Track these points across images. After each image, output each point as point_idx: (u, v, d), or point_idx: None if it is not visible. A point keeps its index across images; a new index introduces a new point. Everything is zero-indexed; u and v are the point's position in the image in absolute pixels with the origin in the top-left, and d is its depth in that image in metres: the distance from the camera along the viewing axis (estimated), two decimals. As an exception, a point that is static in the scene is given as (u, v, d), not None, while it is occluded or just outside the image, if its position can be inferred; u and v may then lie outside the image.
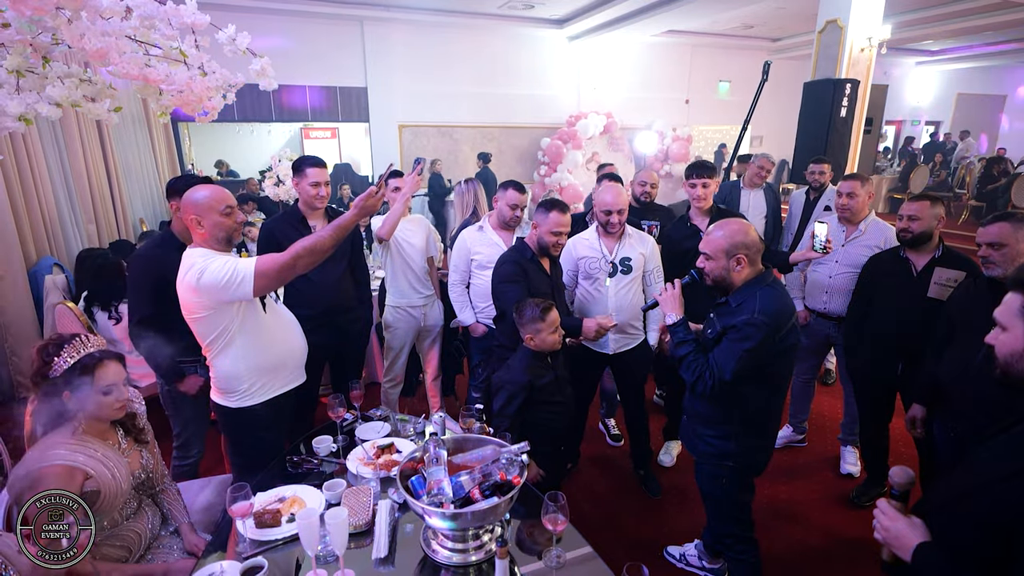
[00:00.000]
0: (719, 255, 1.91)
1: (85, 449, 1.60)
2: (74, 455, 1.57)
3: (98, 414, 1.65)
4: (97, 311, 3.30)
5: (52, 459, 1.53)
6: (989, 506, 1.05)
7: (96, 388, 1.61)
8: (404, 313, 3.22)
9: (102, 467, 1.61)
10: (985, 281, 2.13)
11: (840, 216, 3.03)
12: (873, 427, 2.90)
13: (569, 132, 9.78)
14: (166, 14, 1.91)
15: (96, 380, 1.61)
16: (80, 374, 1.59)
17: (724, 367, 1.86)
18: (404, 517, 1.78)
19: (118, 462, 1.69)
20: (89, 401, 1.61)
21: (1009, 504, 1.01)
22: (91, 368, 1.61)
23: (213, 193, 1.95)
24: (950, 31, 9.31)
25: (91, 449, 1.62)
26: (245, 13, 7.73)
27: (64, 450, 1.56)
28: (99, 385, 1.61)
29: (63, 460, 1.54)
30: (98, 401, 1.62)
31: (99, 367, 1.62)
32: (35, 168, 4.21)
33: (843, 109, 5.63)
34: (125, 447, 1.78)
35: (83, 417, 1.64)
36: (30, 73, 1.87)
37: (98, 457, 1.62)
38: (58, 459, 1.54)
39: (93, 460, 1.60)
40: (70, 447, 1.58)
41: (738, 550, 2.14)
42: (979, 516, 1.06)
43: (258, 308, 2.04)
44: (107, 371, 1.64)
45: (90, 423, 1.66)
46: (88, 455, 1.60)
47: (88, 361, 1.61)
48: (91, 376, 1.60)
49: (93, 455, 1.61)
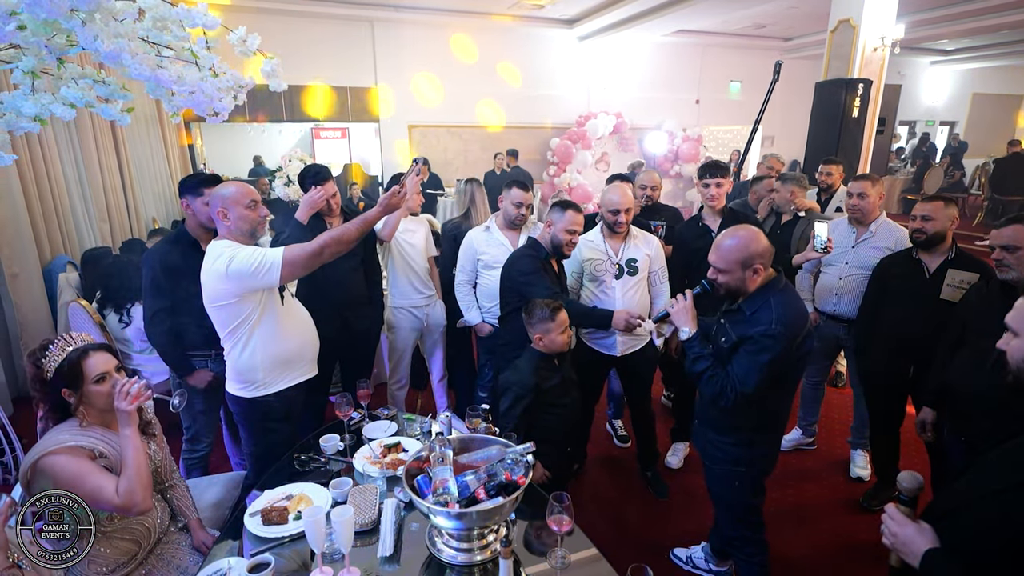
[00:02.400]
0: (734, 267, 1.85)
1: (89, 435, 1.65)
2: (77, 438, 1.61)
3: (98, 404, 1.69)
4: (109, 312, 3.34)
5: (55, 443, 1.57)
6: (999, 514, 1.03)
7: (88, 379, 1.65)
8: (406, 313, 3.22)
9: (110, 447, 1.65)
10: (999, 284, 2.10)
11: (850, 217, 3.00)
12: (883, 430, 2.87)
13: (579, 132, 9.76)
14: (178, 16, 1.94)
15: (86, 371, 1.65)
16: (69, 369, 1.64)
17: (746, 381, 1.81)
18: (410, 516, 1.79)
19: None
20: (85, 393, 1.66)
21: (1019, 512, 1.00)
22: (78, 362, 1.65)
23: (239, 188, 2.08)
24: (965, 30, 9.19)
25: (96, 433, 1.66)
26: (255, 14, 7.80)
27: (66, 435, 1.61)
28: (90, 376, 1.66)
29: (68, 443, 1.58)
30: (93, 391, 1.66)
31: (84, 359, 1.66)
32: (50, 168, 4.27)
33: (855, 109, 5.59)
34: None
35: (85, 410, 1.68)
36: (45, 74, 1.90)
37: (103, 440, 1.66)
38: (62, 443, 1.58)
39: (99, 442, 1.64)
40: (73, 433, 1.63)
41: (748, 552, 2.13)
42: (989, 524, 1.05)
43: (276, 300, 2.12)
44: (95, 361, 1.68)
45: (92, 415, 1.70)
46: (94, 437, 1.64)
47: (74, 356, 1.65)
48: (80, 369, 1.64)
49: (98, 437, 1.65)
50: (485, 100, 9.73)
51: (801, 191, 3.43)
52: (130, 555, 1.72)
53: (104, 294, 3.39)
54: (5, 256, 3.85)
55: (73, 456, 1.56)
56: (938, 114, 14.40)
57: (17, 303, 3.94)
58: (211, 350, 2.44)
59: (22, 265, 3.93)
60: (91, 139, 4.83)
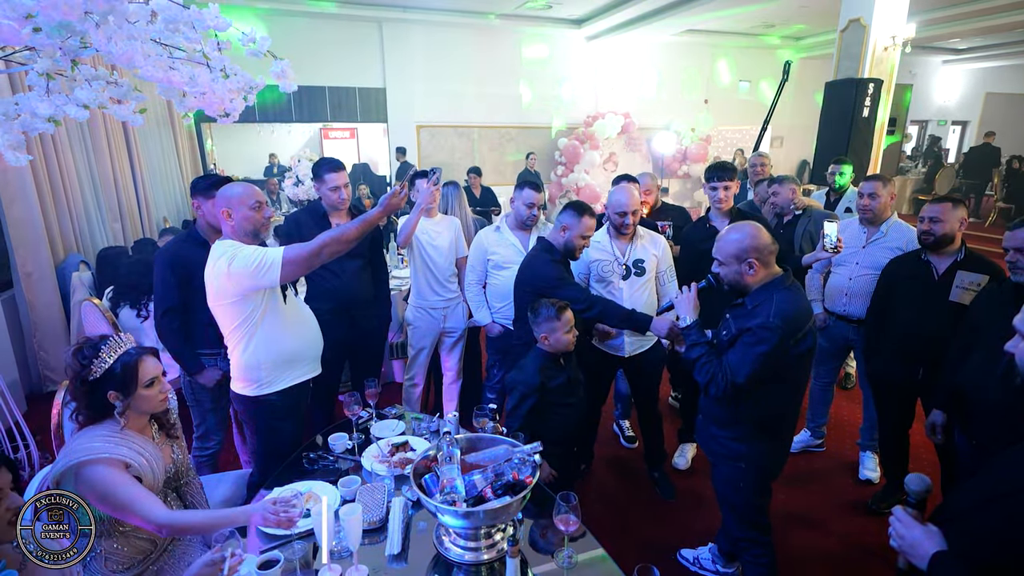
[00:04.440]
0: (729, 260, 1.90)
1: (127, 443, 1.65)
2: (117, 448, 1.62)
3: (144, 408, 1.70)
4: (123, 308, 3.38)
5: (93, 452, 1.58)
6: (1007, 518, 1.03)
7: (140, 383, 1.66)
8: (424, 313, 3.23)
9: (143, 460, 1.66)
10: (1011, 286, 2.08)
11: (861, 217, 2.99)
12: (893, 433, 2.85)
13: (587, 132, 9.75)
14: (189, 18, 1.96)
15: (140, 376, 1.66)
16: (123, 372, 1.64)
17: (737, 371, 1.84)
18: (417, 515, 1.80)
19: (155, 455, 1.73)
20: (136, 397, 1.67)
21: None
22: (132, 366, 1.65)
23: (244, 189, 2.10)
24: (977, 29, 9.09)
25: (132, 443, 1.67)
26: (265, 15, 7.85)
27: (105, 443, 1.61)
28: (143, 380, 1.67)
29: (105, 453, 1.59)
30: (143, 396, 1.68)
31: (140, 363, 1.67)
32: (64, 168, 4.32)
33: (865, 109, 5.55)
34: (158, 441, 1.83)
35: (128, 414, 1.69)
36: (59, 76, 1.93)
37: (137, 450, 1.67)
38: (101, 452, 1.58)
39: (134, 452, 1.65)
40: (111, 440, 1.63)
41: (754, 553, 2.12)
42: (996, 527, 1.04)
43: (279, 299, 2.14)
44: (147, 366, 1.69)
45: (133, 418, 1.71)
46: (129, 447, 1.65)
47: (128, 359, 1.66)
48: (135, 373, 1.65)
49: (133, 447, 1.66)
50: (493, 100, 9.74)
51: (800, 190, 3.54)
52: (145, 554, 1.74)
53: (119, 291, 3.44)
54: (19, 255, 3.91)
55: (116, 469, 1.58)
56: (950, 113, 14.25)
57: (31, 302, 3.99)
58: (220, 348, 2.45)
59: (36, 264, 3.98)
60: (103, 139, 4.89)
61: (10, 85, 3.57)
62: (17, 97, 1.86)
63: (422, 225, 3.08)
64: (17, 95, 1.87)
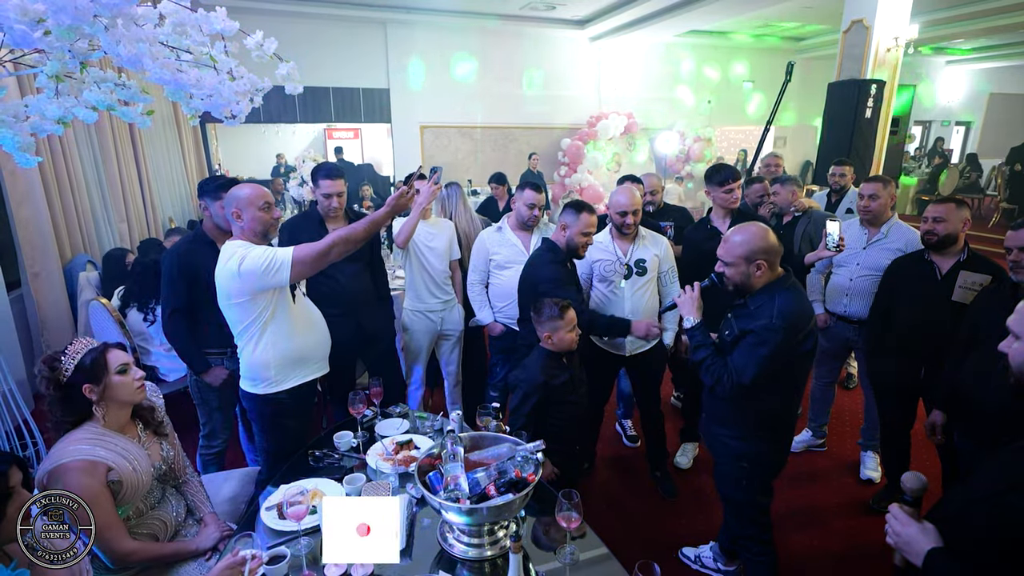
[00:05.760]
0: (739, 261, 1.90)
1: (105, 444, 1.68)
2: (95, 449, 1.64)
3: (121, 396, 1.72)
4: (132, 310, 3.40)
5: (74, 454, 1.60)
6: (999, 515, 1.04)
7: (111, 370, 1.69)
8: (421, 316, 3.23)
9: (123, 460, 1.68)
10: (1011, 286, 2.09)
11: (862, 219, 3.00)
12: (894, 432, 2.86)
13: (590, 133, 9.76)
14: (197, 21, 1.98)
15: (109, 364, 1.69)
16: (92, 364, 1.67)
17: (743, 372, 1.86)
18: (421, 512, 1.82)
19: (139, 455, 1.75)
20: (110, 385, 1.69)
21: (1019, 514, 1.01)
22: (100, 354, 1.69)
23: (254, 191, 2.14)
24: (981, 30, 9.06)
25: (111, 443, 1.69)
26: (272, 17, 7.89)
27: (85, 445, 1.64)
28: (113, 366, 1.70)
29: (84, 456, 1.61)
30: (117, 383, 1.70)
31: (107, 351, 1.71)
32: (71, 169, 4.36)
33: (868, 110, 5.55)
34: (144, 440, 1.85)
35: (105, 406, 1.71)
36: (68, 78, 1.95)
37: (118, 451, 1.69)
38: (80, 454, 1.61)
39: (113, 454, 1.67)
40: (91, 442, 1.65)
41: (755, 552, 2.14)
42: (990, 525, 1.06)
43: (288, 298, 2.16)
44: (115, 354, 1.72)
45: (112, 414, 1.73)
46: (108, 449, 1.67)
47: (95, 351, 1.70)
48: (104, 361, 1.68)
49: (113, 449, 1.68)
50: (496, 101, 9.76)
51: (800, 191, 3.51)
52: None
53: (130, 290, 3.46)
54: (27, 255, 3.94)
55: (91, 478, 1.59)
56: (954, 114, 14.20)
57: (38, 301, 4.03)
58: (227, 348, 2.49)
59: (43, 264, 4.01)
60: (110, 141, 4.93)
61: (19, 88, 3.60)
62: (27, 99, 1.89)
63: (419, 227, 3.06)
64: (26, 97, 1.89)
